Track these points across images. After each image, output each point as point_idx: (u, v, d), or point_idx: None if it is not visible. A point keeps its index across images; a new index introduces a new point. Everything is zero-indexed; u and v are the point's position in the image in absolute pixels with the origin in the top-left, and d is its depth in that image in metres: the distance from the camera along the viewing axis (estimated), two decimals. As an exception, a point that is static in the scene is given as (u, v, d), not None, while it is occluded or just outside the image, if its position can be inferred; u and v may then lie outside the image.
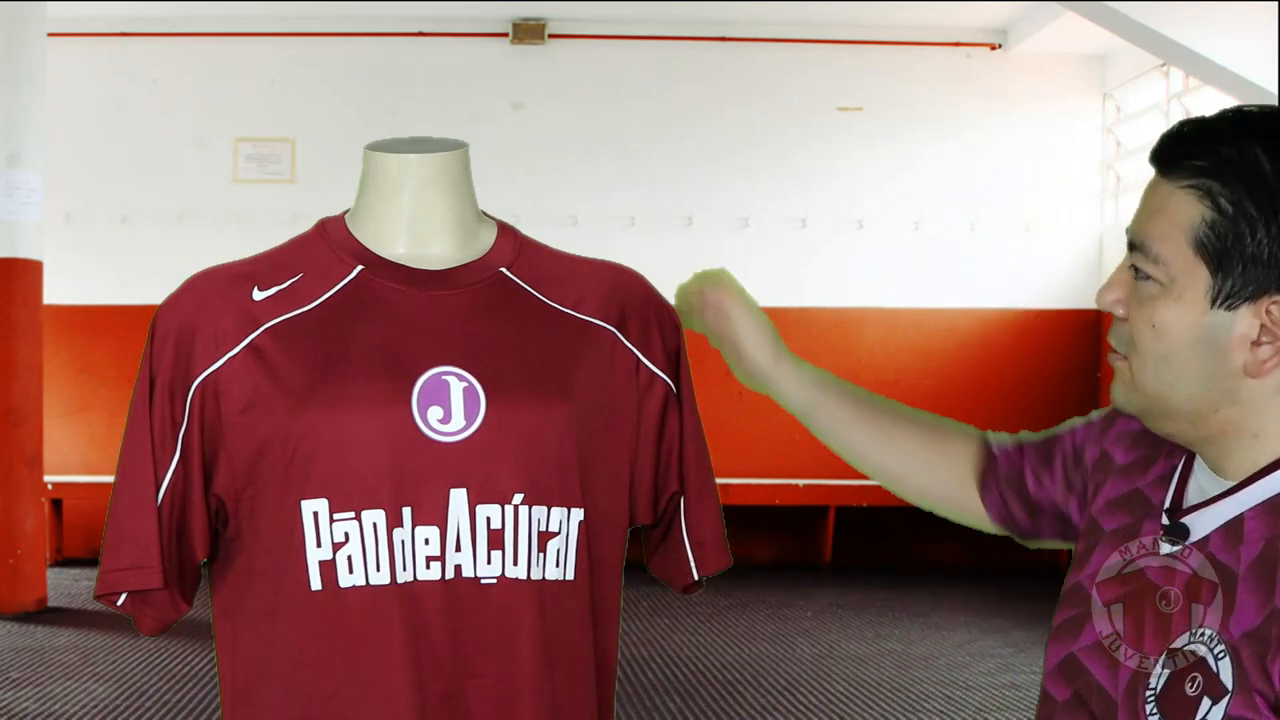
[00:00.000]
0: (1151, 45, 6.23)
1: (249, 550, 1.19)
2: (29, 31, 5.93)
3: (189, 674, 4.79)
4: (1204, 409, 1.05)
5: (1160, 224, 1.04)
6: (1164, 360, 1.05)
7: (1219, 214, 1.01)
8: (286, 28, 7.65)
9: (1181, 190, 1.03)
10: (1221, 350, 1.03)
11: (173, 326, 1.20)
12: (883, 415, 1.35)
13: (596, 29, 7.81)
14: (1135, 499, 1.16)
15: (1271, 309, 1.01)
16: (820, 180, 7.78)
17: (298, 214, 7.54)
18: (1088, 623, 1.13)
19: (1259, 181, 1.00)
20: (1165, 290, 1.04)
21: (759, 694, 4.65)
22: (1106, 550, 1.15)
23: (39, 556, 6.03)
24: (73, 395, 7.49)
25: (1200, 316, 1.03)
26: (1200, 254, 1.02)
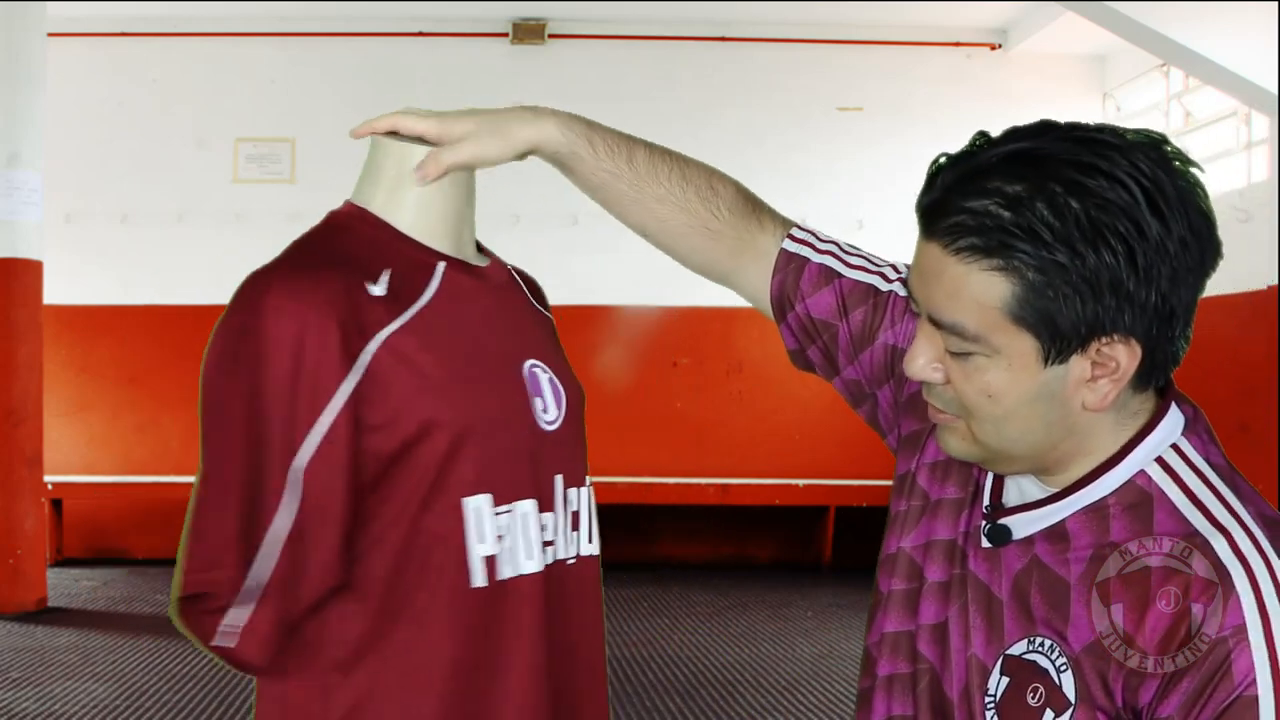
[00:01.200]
0: (1151, 45, 6.23)
1: (373, 563, 1.14)
2: (29, 31, 5.93)
3: (189, 674, 4.78)
4: (1045, 448, 1.03)
5: (968, 306, 0.98)
6: (1004, 420, 1.01)
7: (1028, 286, 0.95)
8: (286, 28, 7.65)
9: (978, 271, 0.96)
10: (1060, 399, 1.00)
11: (287, 335, 1.09)
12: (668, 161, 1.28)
13: (596, 29, 7.81)
14: (964, 471, 1.13)
15: (1101, 349, 0.98)
16: (820, 180, 7.78)
17: (298, 214, 7.51)
18: (921, 601, 1.12)
19: (1052, 235, 0.94)
20: (992, 360, 0.99)
21: (759, 694, 4.65)
22: (938, 522, 1.13)
23: (39, 556, 6.03)
24: (73, 395, 7.49)
25: (1035, 376, 0.99)
26: (1021, 325, 0.97)
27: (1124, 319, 0.96)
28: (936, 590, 1.11)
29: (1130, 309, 0.96)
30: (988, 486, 1.11)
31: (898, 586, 1.15)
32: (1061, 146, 0.96)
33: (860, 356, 1.24)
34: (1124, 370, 0.99)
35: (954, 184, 0.98)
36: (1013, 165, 0.96)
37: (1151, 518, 1.00)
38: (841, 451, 7.72)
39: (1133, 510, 1.01)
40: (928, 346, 1.03)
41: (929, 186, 1.01)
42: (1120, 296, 0.95)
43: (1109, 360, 0.98)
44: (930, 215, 1.00)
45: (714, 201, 1.28)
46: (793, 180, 7.74)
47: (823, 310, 1.25)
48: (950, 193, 0.98)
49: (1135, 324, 0.97)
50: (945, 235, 0.98)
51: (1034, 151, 0.96)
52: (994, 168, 0.97)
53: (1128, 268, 0.94)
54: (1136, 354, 0.98)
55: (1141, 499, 1.01)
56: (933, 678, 1.10)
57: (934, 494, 1.15)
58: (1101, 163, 0.94)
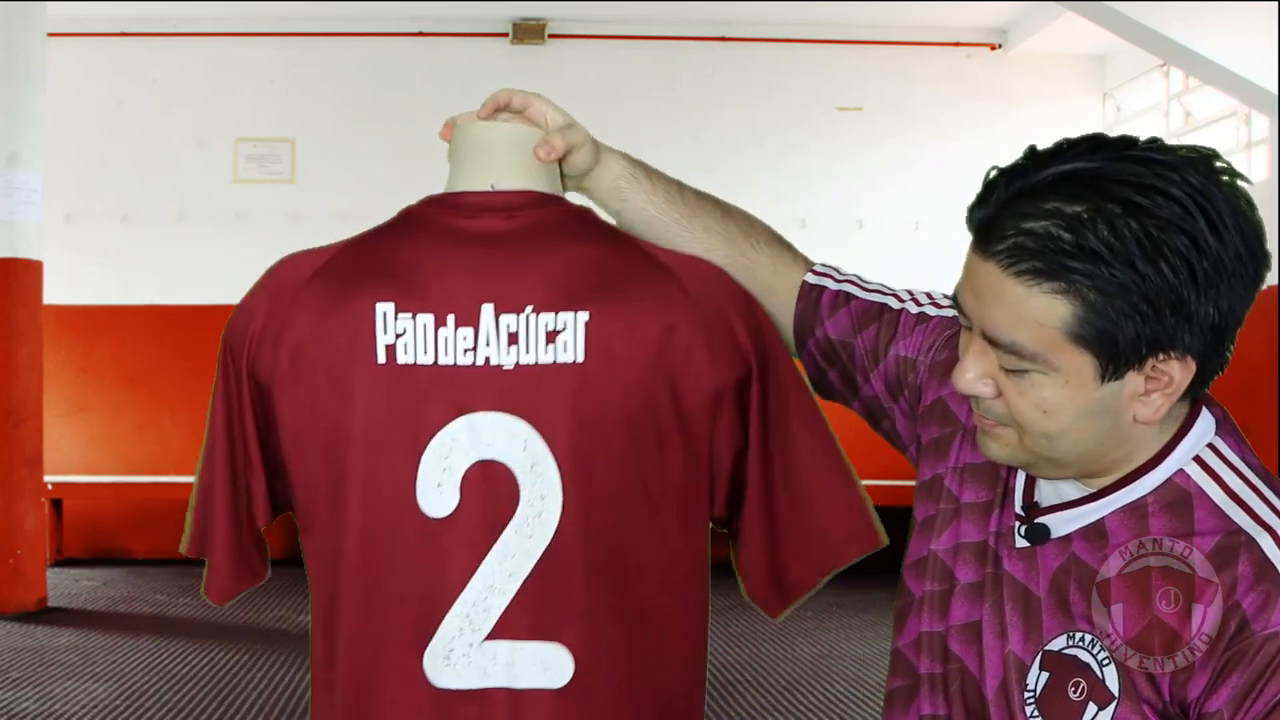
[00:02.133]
0: (1151, 45, 6.23)
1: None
2: (29, 31, 5.93)
3: (189, 674, 4.78)
4: (1094, 458, 1.05)
5: (1028, 326, 0.99)
6: (1059, 434, 1.03)
7: (1089, 307, 0.97)
8: (286, 28, 7.65)
9: (1039, 294, 0.98)
10: (1114, 413, 1.02)
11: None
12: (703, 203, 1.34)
13: (596, 29, 7.81)
14: (990, 473, 1.15)
15: (1156, 365, 0.99)
16: (820, 180, 7.78)
17: (298, 214, 7.55)
18: (951, 601, 1.14)
19: (1113, 256, 0.95)
20: (1048, 378, 1.01)
21: (759, 694, 4.65)
22: (965, 525, 1.15)
23: (39, 556, 6.03)
24: (73, 395, 7.49)
25: (1091, 393, 1.00)
26: (1080, 344, 0.98)
27: (1183, 337, 0.98)
28: (968, 591, 1.12)
29: (1189, 326, 0.97)
30: (1019, 488, 1.12)
31: (929, 588, 1.17)
32: (1116, 166, 0.97)
33: (875, 371, 1.28)
34: (1177, 385, 1.00)
35: (1009, 201, 0.99)
36: (1070, 185, 0.97)
37: (1192, 515, 1.02)
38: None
39: (1172, 508, 1.02)
40: (978, 362, 1.04)
41: (983, 201, 1.01)
42: (1180, 315, 0.96)
43: (1163, 375, 1.00)
44: (986, 232, 1.00)
45: (753, 235, 1.35)
46: (793, 180, 7.74)
47: (839, 331, 1.31)
48: (1006, 210, 0.99)
49: (1193, 341, 0.98)
50: (1006, 257, 0.98)
51: (1090, 171, 0.97)
52: (1050, 187, 0.97)
53: (1188, 284, 0.96)
54: (1191, 369, 1.00)
55: (1181, 497, 1.02)
56: (966, 677, 1.11)
57: (963, 497, 1.16)
58: (1156, 180, 0.96)
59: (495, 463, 1.17)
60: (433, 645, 1.17)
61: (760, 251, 1.34)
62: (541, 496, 1.17)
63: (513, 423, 1.17)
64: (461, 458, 1.17)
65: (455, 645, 1.17)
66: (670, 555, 1.24)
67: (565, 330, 1.17)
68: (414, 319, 1.17)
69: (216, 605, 1.31)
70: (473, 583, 1.17)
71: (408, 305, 1.17)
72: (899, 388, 1.27)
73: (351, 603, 1.20)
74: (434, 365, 1.17)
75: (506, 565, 1.17)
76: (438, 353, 1.17)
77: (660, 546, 1.23)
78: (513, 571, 1.17)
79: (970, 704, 1.10)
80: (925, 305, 1.30)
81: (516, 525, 1.17)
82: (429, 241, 1.22)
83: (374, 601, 1.19)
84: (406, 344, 1.17)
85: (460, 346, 1.17)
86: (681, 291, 1.22)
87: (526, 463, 1.17)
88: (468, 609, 1.17)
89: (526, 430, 1.17)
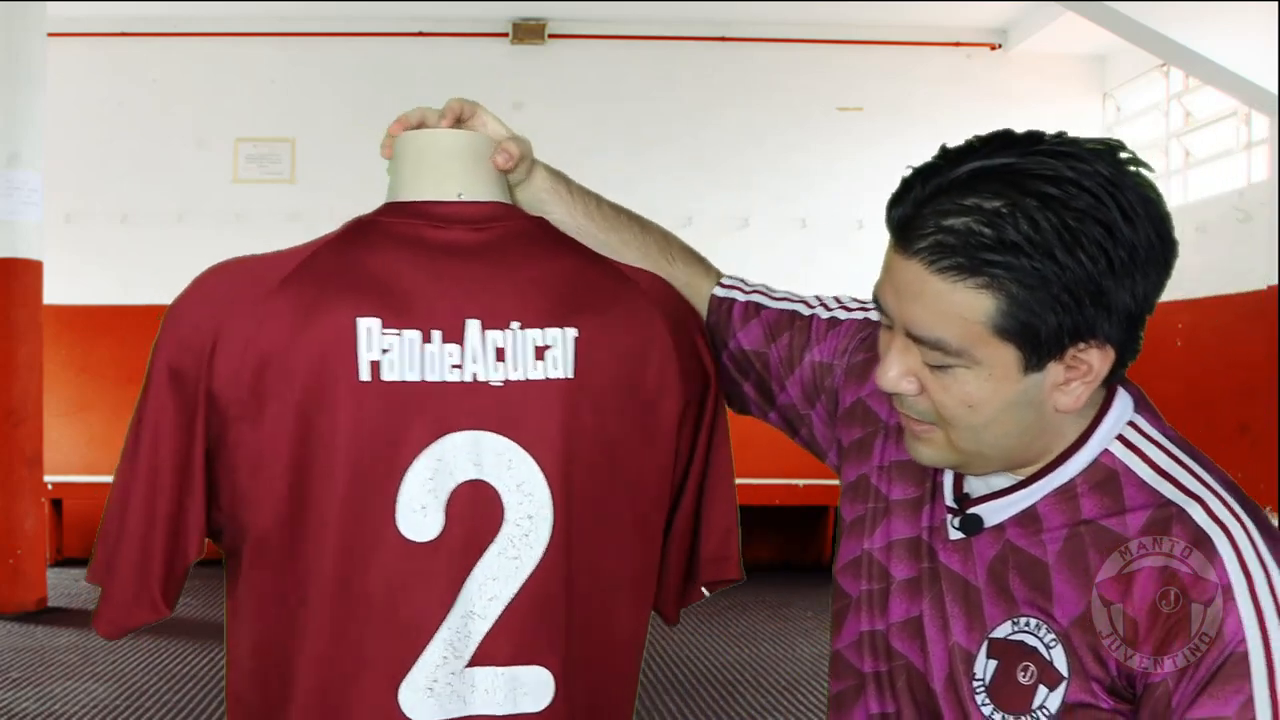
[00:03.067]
0: (1151, 45, 6.23)
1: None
2: (29, 31, 5.93)
3: (189, 674, 4.79)
4: (1019, 449, 1.07)
5: (952, 322, 1.00)
6: (982, 428, 1.04)
7: (1012, 300, 0.98)
8: (286, 28, 7.65)
9: (963, 289, 0.99)
10: (1037, 404, 1.03)
11: None
12: (621, 215, 1.35)
13: (596, 29, 7.81)
14: (916, 469, 1.17)
15: (1077, 355, 1.01)
16: (820, 180, 7.78)
17: (298, 214, 7.55)
18: (889, 599, 1.15)
19: (1033, 248, 0.97)
20: (973, 371, 1.02)
21: (759, 694, 4.65)
22: (896, 522, 1.16)
23: (39, 556, 6.03)
24: (73, 395, 7.49)
25: (1015, 385, 1.02)
26: (1003, 337, 1.00)
27: (1102, 325, 1.00)
28: (905, 587, 1.14)
29: (1108, 315, 0.99)
30: (948, 482, 1.14)
31: (866, 588, 1.18)
32: (1030, 160, 0.98)
33: (790, 379, 1.31)
34: (1096, 372, 1.02)
35: (927, 199, 1.00)
36: (986, 181, 0.99)
37: (1121, 492, 1.04)
38: (841, 451, 7.74)
39: (1101, 487, 1.05)
40: (901, 359, 1.05)
41: (900, 199, 1.02)
42: (1099, 304, 0.98)
43: (1082, 364, 1.02)
44: (906, 231, 1.01)
45: (669, 250, 1.37)
46: (793, 180, 7.75)
47: (753, 341, 1.33)
48: (925, 209, 1.00)
49: (1111, 329, 1.00)
50: (928, 254, 0.99)
51: (1005, 166, 0.99)
52: (966, 184, 0.99)
53: (1106, 273, 0.97)
54: (1110, 356, 1.02)
55: (1108, 476, 1.05)
56: (912, 673, 1.12)
57: (891, 495, 1.18)
58: (1069, 173, 0.97)
59: (481, 483, 1.14)
60: (412, 675, 1.13)
61: (676, 265, 1.36)
62: (529, 516, 1.14)
63: (498, 441, 1.14)
64: (447, 479, 1.13)
65: (438, 675, 1.13)
66: (645, 570, 1.24)
67: (555, 346, 1.15)
68: (400, 335, 1.12)
69: (105, 639, 1.20)
70: (455, 608, 1.13)
71: (392, 321, 1.12)
72: (816, 393, 1.29)
73: (319, 636, 1.12)
74: (421, 382, 1.12)
75: (488, 589, 1.14)
76: (424, 369, 1.12)
77: (638, 561, 1.22)
78: (494, 595, 1.14)
79: (919, 699, 1.11)
80: (835, 310, 1.32)
81: (500, 547, 1.14)
82: (399, 252, 1.16)
83: (347, 633, 1.12)
84: (393, 360, 1.12)
85: (447, 363, 1.13)
86: (653, 307, 1.22)
87: (512, 482, 1.14)
88: (451, 635, 1.13)
89: (512, 449, 1.14)
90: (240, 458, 1.13)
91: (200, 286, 1.17)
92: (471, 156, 1.24)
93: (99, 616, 1.17)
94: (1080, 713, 1.01)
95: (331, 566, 1.12)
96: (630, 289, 1.22)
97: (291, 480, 1.12)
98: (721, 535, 1.30)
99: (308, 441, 1.11)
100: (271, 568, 1.14)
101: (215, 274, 1.17)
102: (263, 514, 1.13)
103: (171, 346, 1.14)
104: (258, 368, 1.11)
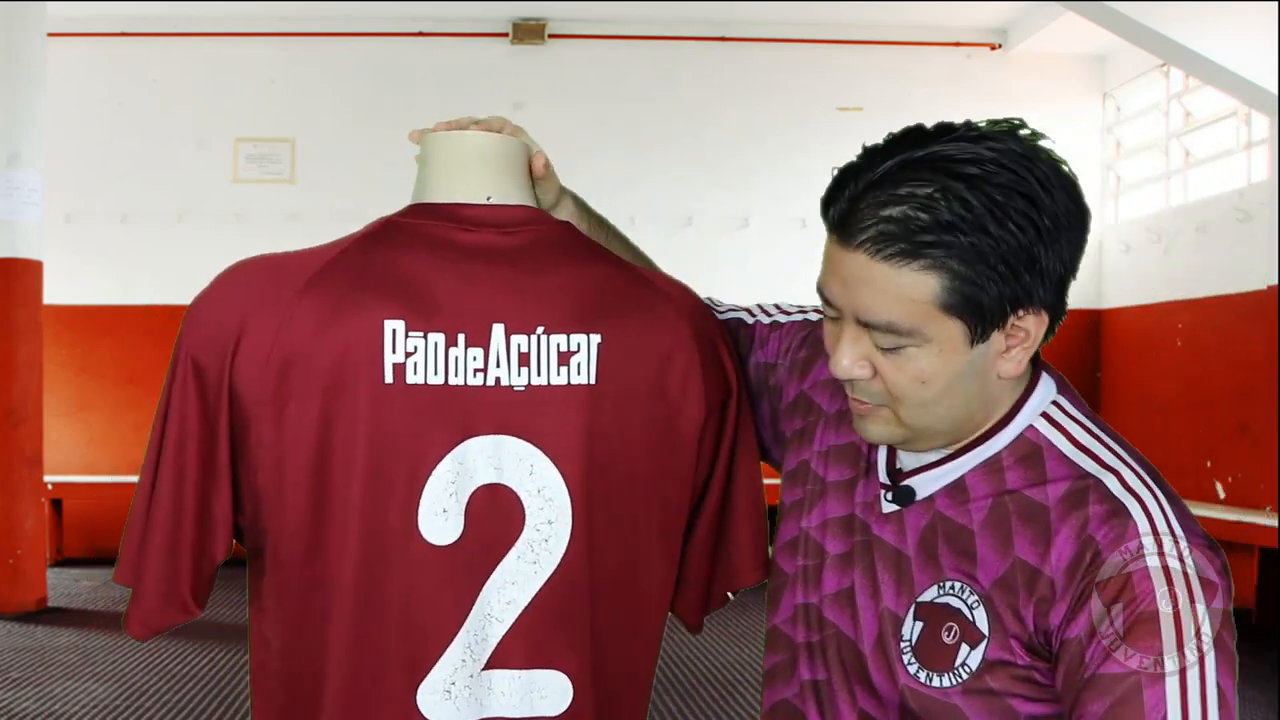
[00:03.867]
0: (1151, 45, 6.23)
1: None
2: (29, 31, 5.93)
3: (189, 674, 4.79)
4: (964, 420, 1.13)
5: (900, 304, 1.05)
6: (933, 402, 1.10)
7: (954, 276, 1.04)
8: (286, 28, 7.65)
9: (908, 272, 1.04)
10: (981, 373, 1.10)
11: None
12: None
13: (596, 29, 7.81)
14: (852, 452, 1.23)
15: (1016, 323, 1.08)
16: (820, 180, 7.48)
17: (298, 214, 7.55)
18: (823, 573, 1.21)
19: (967, 225, 1.03)
20: (923, 349, 1.07)
21: (759, 694, 4.64)
22: (831, 502, 1.22)
23: (39, 556, 6.04)
24: (73, 395, 7.49)
25: (963, 357, 1.08)
26: (950, 313, 1.05)
27: (1038, 291, 1.06)
28: (838, 561, 1.20)
29: (1041, 281, 1.06)
30: (881, 460, 1.20)
31: (801, 563, 1.23)
32: (950, 147, 1.05)
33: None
34: (1034, 338, 1.09)
35: (862, 194, 1.06)
36: (915, 170, 1.05)
37: (1044, 465, 1.11)
38: (841, 451, 7.74)
39: (1025, 461, 1.12)
40: (853, 347, 1.10)
41: (835, 196, 1.08)
42: (1033, 271, 1.05)
43: (1021, 331, 1.08)
44: (846, 225, 1.07)
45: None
46: (793, 180, 7.74)
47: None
48: (861, 202, 1.06)
49: (1045, 294, 1.07)
50: (871, 245, 1.05)
51: (928, 155, 1.05)
52: (897, 175, 1.05)
53: (1036, 241, 1.04)
54: (1044, 321, 1.09)
55: (1032, 450, 1.12)
56: (842, 639, 1.18)
57: (828, 477, 1.24)
58: (987, 153, 1.04)
59: (501, 487, 1.14)
60: (431, 678, 1.13)
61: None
62: (549, 521, 1.15)
63: (519, 446, 1.14)
64: (468, 482, 1.13)
65: (457, 677, 1.13)
66: (665, 575, 1.24)
67: (579, 352, 1.15)
68: (425, 338, 1.12)
69: (136, 640, 1.22)
70: (474, 611, 1.13)
71: (418, 323, 1.12)
72: (760, 393, 1.36)
73: (341, 638, 1.12)
74: (444, 385, 1.12)
75: (506, 593, 1.14)
76: (448, 373, 1.12)
77: (656, 568, 1.23)
78: (511, 599, 1.14)
79: (848, 664, 1.17)
80: (775, 315, 1.41)
81: (519, 551, 1.14)
82: (427, 254, 1.16)
83: (368, 635, 1.12)
84: (416, 363, 1.11)
85: (470, 367, 1.13)
86: (679, 316, 1.22)
87: (533, 487, 1.14)
88: (469, 638, 1.13)
89: (534, 454, 1.14)
90: (262, 458, 1.12)
91: (225, 283, 1.16)
92: (501, 160, 1.24)
93: (130, 618, 1.16)
94: (998, 669, 1.07)
95: (353, 569, 1.12)
96: (656, 296, 1.22)
97: (313, 482, 1.11)
98: (749, 545, 1.30)
99: (329, 443, 1.11)
100: (294, 569, 1.14)
101: (240, 271, 1.16)
102: (284, 516, 1.13)
103: (195, 343, 1.14)
104: (282, 368, 1.11)
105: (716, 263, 7.34)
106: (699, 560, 1.29)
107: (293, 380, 1.11)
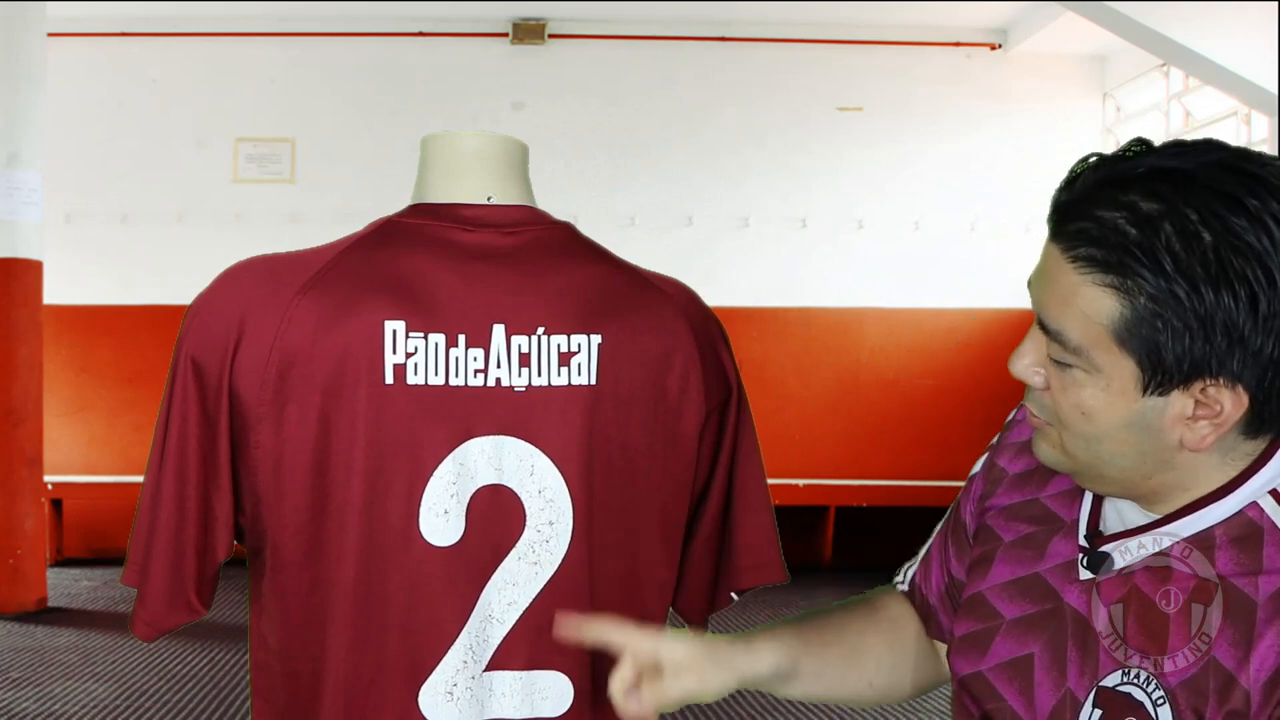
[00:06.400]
0: (1151, 45, 6.23)
1: None
2: (29, 31, 5.93)
3: (189, 674, 4.79)
4: (1138, 477, 0.99)
5: (1075, 316, 0.94)
6: (1096, 440, 0.98)
7: (1138, 311, 0.91)
8: (286, 28, 7.65)
9: (1091, 285, 0.93)
10: (1155, 431, 0.96)
11: None
12: (839, 639, 1.24)
13: (596, 29, 7.81)
14: (1037, 510, 1.11)
15: (1206, 390, 0.93)
16: (820, 180, 7.78)
17: (298, 214, 7.55)
18: (995, 639, 1.08)
19: (1174, 266, 0.89)
20: (1090, 378, 0.96)
21: (759, 694, 4.64)
22: (1010, 562, 1.10)
23: (39, 556, 6.04)
24: (73, 395, 7.49)
25: (1131, 404, 0.95)
26: (1124, 348, 0.93)
27: (1232, 364, 0.91)
28: (1015, 627, 1.08)
29: (1242, 355, 0.91)
30: (1083, 516, 1.07)
31: (973, 628, 1.12)
32: (1213, 172, 0.91)
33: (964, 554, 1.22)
34: (1227, 415, 0.94)
35: (1092, 188, 0.94)
36: (1155, 182, 0.91)
37: (1261, 551, 0.95)
38: (841, 451, 7.73)
39: (1240, 543, 0.96)
40: (1033, 349, 1.00)
41: (1068, 185, 0.97)
42: (1233, 340, 0.90)
43: (1213, 402, 0.93)
44: (1060, 215, 0.96)
45: (871, 612, 1.26)
46: (793, 180, 7.75)
47: (957, 572, 1.23)
48: (1086, 197, 0.94)
49: (1245, 371, 0.91)
50: (1067, 240, 0.94)
51: (1182, 170, 0.91)
52: (1136, 180, 0.92)
53: (1248, 314, 0.89)
54: (1243, 402, 0.93)
55: (1252, 531, 0.96)
56: (1012, 716, 1.06)
57: (1006, 535, 1.12)
58: (1249, 199, 0.89)
59: (502, 488, 1.14)
60: (433, 679, 1.13)
61: (882, 613, 1.25)
62: (550, 522, 1.14)
63: (520, 446, 1.14)
64: (469, 483, 1.12)
65: (458, 679, 1.13)
66: (666, 575, 1.24)
67: (580, 353, 1.15)
68: (425, 338, 1.11)
69: (142, 641, 1.22)
70: (475, 612, 1.13)
71: (418, 324, 1.11)
72: (965, 545, 1.21)
73: (341, 639, 1.12)
74: (444, 386, 1.12)
75: (507, 594, 1.14)
76: (448, 373, 1.12)
77: (657, 568, 1.22)
78: (512, 600, 1.14)
79: None
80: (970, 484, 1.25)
81: (520, 552, 1.14)
82: (428, 255, 1.15)
83: (369, 636, 1.12)
84: (417, 364, 1.11)
85: (471, 367, 1.12)
86: (679, 316, 1.22)
87: (534, 488, 1.14)
88: (471, 640, 1.13)
89: (534, 454, 1.14)
90: (261, 459, 1.12)
91: (225, 283, 1.16)
92: (501, 160, 1.24)
93: (136, 619, 1.16)
94: None
95: (353, 570, 1.12)
96: (656, 296, 1.22)
97: (313, 483, 1.11)
98: (754, 545, 1.29)
99: (330, 444, 1.11)
100: (294, 570, 1.13)
101: (241, 271, 1.16)
102: (284, 516, 1.12)
103: (195, 343, 1.14)
104: (282, 368, 1.11)
105: (716, 263, 7.35)
106: (702, 561, 1.29)
107: (293, 381, 1.11)
